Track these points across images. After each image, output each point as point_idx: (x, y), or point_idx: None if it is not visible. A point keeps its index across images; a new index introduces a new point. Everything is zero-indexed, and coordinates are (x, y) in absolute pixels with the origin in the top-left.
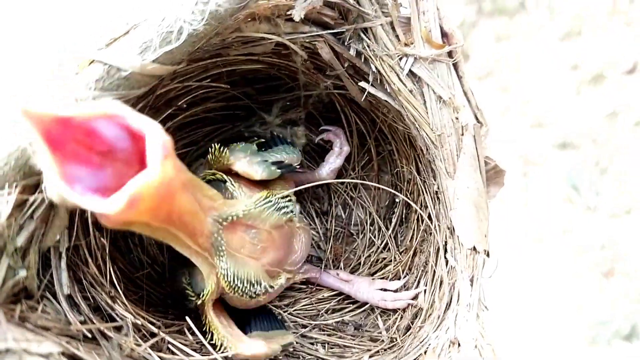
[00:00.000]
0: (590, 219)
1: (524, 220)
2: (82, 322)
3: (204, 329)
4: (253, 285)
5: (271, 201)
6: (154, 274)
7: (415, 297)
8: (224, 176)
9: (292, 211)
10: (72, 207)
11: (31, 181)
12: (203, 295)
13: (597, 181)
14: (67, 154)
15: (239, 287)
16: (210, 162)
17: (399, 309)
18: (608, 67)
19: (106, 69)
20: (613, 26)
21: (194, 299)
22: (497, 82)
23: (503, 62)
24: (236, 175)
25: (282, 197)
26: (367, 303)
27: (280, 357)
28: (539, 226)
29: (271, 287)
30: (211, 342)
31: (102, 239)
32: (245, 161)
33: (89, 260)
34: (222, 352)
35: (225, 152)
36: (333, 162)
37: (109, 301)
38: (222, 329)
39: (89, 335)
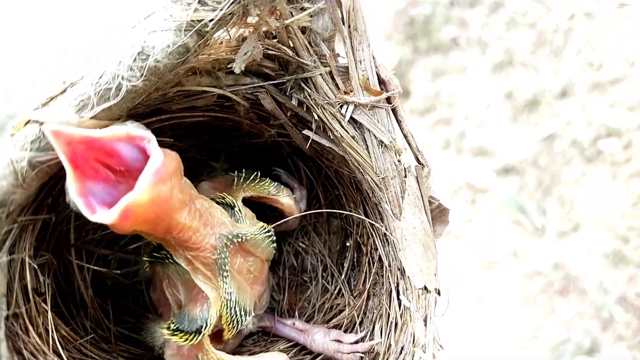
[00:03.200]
0: (539, 240)
1: (474, 247)
2: None
3: None
4: (245, 316)
5: (270, 232)
6: (98, 340)
7: (371, 349)
8: (234, 202)
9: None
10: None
11: None
12: (206, 326)
13: (542, 202)
14: (88, 171)
15: (235, 315)
16: (233, 186)
17: None
18: (540, 93)
19: (42, 128)
20: (540, 55)
21: (186, 342)
22: (438, 115)
23: (442, 97)
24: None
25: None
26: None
27: None
28: (489, 252)
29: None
30: None
31: (43, 304)
32: (291, 198)
33: (30, 328)
34: None
35: (268, 182)
36: (292, 224)
37: None
38: (235, 358)
39: None
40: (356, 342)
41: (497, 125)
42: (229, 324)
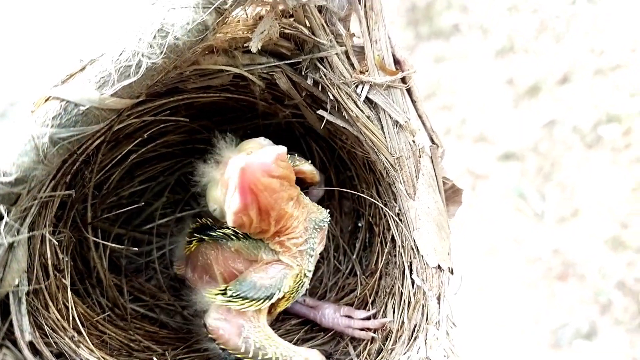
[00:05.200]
0: (539, 225)
1: (475, 233)
2: None
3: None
4: (302, 291)
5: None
6: (114, 317)
7: (383, 325)
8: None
9: None
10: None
11: None
12: (279, 293)
13: (542, 188)
14: (248, 193)
15: (300, 289)
16: None
17: (365, 339)
18: (541, 79)
19: (63, 105)
20: (542, 41)
21: (249, 307)
22: (439, 101)
23: (443, 83)
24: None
25: None
26: (334, 329)
27: None
28: (491, 237)
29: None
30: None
31: (63, 280)
32: (310, 164)
33: (50, 304)
34: None
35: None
36: (317, 193)
37: (73, 346)
38: (281, 341)
39: None
40: (367, 319)
41: (498, 112)
42: (291, 295)
